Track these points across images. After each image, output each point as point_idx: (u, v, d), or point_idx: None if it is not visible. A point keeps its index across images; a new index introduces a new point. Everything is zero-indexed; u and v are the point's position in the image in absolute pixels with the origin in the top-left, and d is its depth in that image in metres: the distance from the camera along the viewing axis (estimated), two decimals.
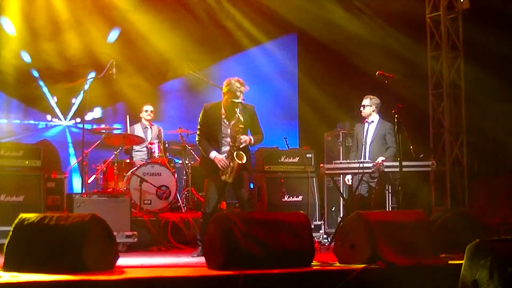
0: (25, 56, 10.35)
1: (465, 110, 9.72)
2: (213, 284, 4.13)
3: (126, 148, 8.66)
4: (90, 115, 10.71)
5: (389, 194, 7.53)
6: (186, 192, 8.72)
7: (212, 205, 6.25)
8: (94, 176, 8.52)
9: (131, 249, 6.98)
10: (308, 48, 11.59)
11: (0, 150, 6.95)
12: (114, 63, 8.03)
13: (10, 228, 4.55)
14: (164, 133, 9.17)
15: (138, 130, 8.95)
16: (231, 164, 6.14)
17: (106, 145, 8.64)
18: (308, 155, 8.32)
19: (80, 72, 9.91)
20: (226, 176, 6.16)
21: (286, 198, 8.06)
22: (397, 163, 6.48)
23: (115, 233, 4.81)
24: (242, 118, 6.12)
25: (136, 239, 7.04)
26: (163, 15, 10.62)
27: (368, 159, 7.35)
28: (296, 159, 8.27)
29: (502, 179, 9.30)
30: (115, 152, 8.22)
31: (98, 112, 10.85)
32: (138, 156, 8.81)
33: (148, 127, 9.02)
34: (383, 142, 7.45)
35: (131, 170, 8.12)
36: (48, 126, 10.76)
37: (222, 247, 4.44)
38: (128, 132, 8.69)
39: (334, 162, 7.56)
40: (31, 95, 10.48)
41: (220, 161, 6.16)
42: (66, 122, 10.81)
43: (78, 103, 10.49)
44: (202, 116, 6.34)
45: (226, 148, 6.25)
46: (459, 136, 9.75)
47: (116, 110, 11.11)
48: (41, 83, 10.57)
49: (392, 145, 7.35)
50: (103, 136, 8.53)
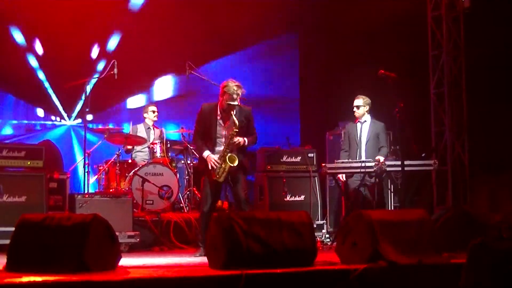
0: (31, 58, 10.44)
1: (466, 109, 9.71)
2: (215, 284, 4.13)
3: (127, 148, 8.67)
4: (92, 115, 10.72)
5: (391, 193, 7.53)
6: (188, 192, 8.72)
7: (208, 203, 6.29)
8: (96, 176, 8.53)
9: (133, 249, 7.00)
10: (309, 47, 11.58)
11: (2, 151, 6.94)
12: (116, 63, 8.05)
13: (12, 228, 4.57)
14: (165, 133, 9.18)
15: (141, 130, 8.94)
16: (222, 165, 6.18)
17: (109, 145, 8.66)
18: (310, 155, 8.32)
19: (83, 72, 9.93)
20: (217, 176, 6.20)
21: (288, 198, 8.06)
22: (399, 162, 6.48)
23: (117, 233, 4.83)
24: (237, 122, 6.16)
25: (138, 239, 7.05)
26: (163, 14, 10.61)
27: (364, 158, 7.39)
28: (298, 159, 8.27)
29: (504, 178, 9.28)
30: (117, 152, 8.23)
31: (99, 112, 10.86)
32: (139, 157, 8.80)
33: (151, 127, 9.02)
34: (377, 141, 7.54)
35: (133, 170, 8.12)
36: (53, 126, 10.83)
37: (224, 246, 4.45)
38: (130, 133, 8.70)
39: (336, 161, 7.57)
40: (37, 96, 10.53)
41: (211, 160, 6.21)
42: (71, 122, 10.85)
43: (81, 103, 10.52)
44: (199, 115, 6.43)
45: (220, 148, 6.30)
46: (461, 135, 9.74)
47: (118, 110, 11.13)
48: (46, 84, 10.62)
49: (384, 144, 7.52)
50: (104, 136, 8.54)
